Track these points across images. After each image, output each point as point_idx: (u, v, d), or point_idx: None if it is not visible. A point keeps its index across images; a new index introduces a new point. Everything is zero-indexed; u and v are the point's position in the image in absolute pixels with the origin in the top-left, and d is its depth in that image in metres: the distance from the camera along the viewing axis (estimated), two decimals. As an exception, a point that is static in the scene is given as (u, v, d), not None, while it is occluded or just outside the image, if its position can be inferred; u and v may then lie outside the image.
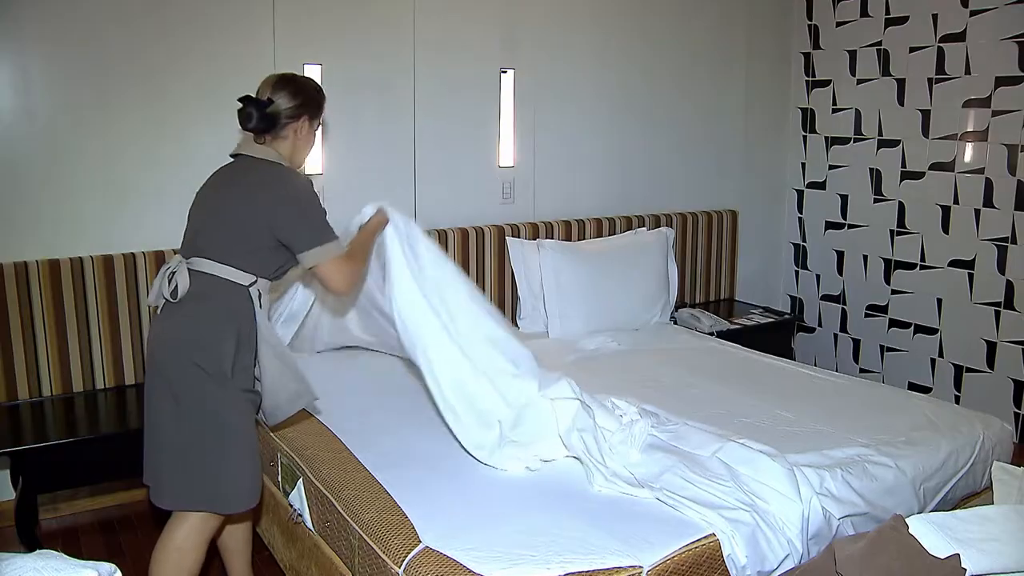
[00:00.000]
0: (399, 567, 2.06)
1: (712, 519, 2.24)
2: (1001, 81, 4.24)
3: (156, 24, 3.37)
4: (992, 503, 2.23)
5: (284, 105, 2.43)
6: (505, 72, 4.23)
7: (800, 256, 5.39)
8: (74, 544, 3.27)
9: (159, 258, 3.43)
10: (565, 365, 3.46)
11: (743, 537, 2.22)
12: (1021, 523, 1.77)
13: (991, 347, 4.39)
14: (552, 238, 4.32)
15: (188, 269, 2.33)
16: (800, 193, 5.35)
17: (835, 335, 5.22)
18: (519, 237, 4.23)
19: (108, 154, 3.37)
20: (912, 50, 4.62)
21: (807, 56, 5.21)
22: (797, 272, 5.42)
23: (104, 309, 3.36)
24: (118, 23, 3.30)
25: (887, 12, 4.73)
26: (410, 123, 3.99)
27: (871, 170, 4.90)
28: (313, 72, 3.70)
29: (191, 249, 2.39)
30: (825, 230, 5.21)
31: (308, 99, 2.49)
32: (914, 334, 4.77)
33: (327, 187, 3.80)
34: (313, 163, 3.77)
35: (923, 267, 4.67)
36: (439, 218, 4.11)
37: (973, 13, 4.32)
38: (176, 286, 2.30)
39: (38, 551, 1.44)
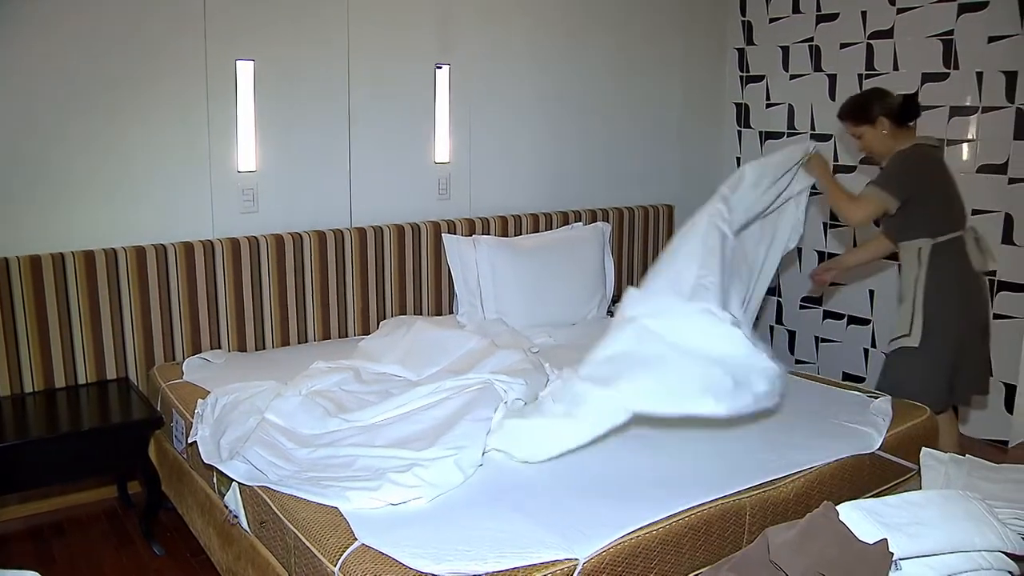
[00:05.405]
0: (335, 565, 2.03)
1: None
2: (928, 77, 4.33)
3: (98, 23, 3.33)
4: (920, 488, 2.28)
5: None
6: (440, 68, 4.20)
7: (736, 250, 5.45)
8: (3, 552, 3.17)
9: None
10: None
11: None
12: (946, 507, 1.80)
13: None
14: (488, 234, 4.31)
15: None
16: (736, 187, 5.40)
17: (771, 327, 5.29)
18: (455, 233, 4.21)
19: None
20: (842, 46, 4.71)
21: (741, 52, 5.28)
22: (733, 266, 5.47)
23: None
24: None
25: (818, 9, 4.81)
26: (344, 119, 3.95)
27: (804, 164, 4.96)
28: (246, 68, 3.64)
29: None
30: (760, 224, 5.27)
31: None
32: (847, 325, 4.86)
33: (260, 183, 3.75)
34: (246, 159, 3.71)
35: (855, 259, 4.75)
36: (375, 215, 4.08)
37: (900, 11, 4.41)
38: None
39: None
